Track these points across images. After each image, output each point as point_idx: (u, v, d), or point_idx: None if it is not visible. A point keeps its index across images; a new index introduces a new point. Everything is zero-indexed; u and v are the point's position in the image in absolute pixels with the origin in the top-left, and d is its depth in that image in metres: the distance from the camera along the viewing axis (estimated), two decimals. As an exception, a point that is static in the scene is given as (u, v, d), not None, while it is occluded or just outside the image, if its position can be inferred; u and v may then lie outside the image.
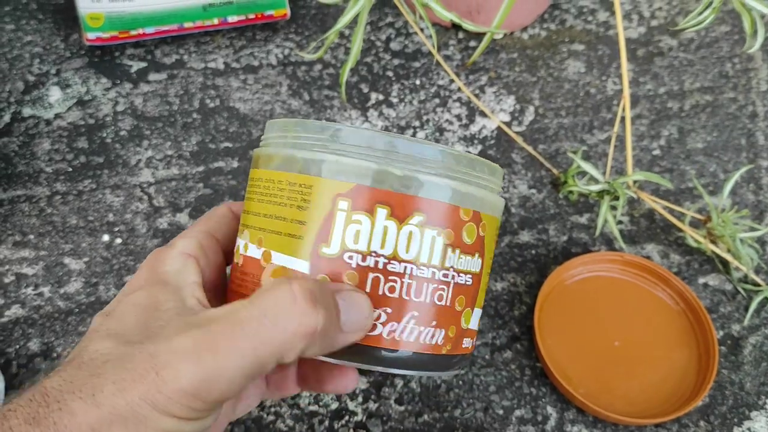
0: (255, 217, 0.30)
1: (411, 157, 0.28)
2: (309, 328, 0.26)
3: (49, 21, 0.55)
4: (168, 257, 0.31)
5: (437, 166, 0.28)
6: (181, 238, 0.32)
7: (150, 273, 0.31)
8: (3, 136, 0.50)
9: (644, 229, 0.48)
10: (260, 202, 0.29)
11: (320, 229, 0.28)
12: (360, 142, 0.28)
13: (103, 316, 0.29)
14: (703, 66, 0.56)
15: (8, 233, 0.46)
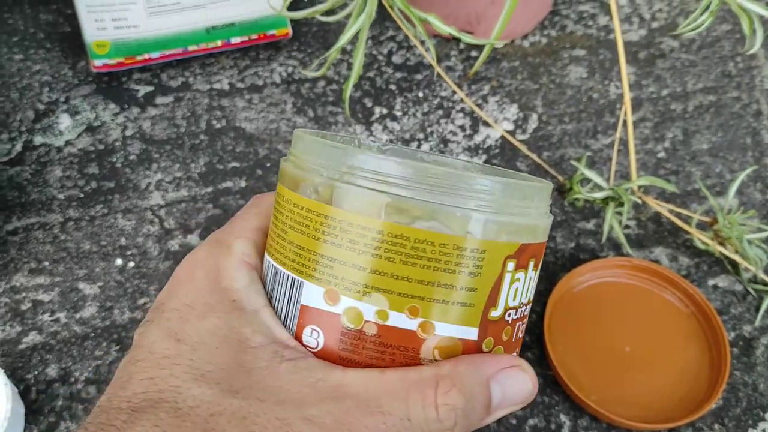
0: (397, 281, 0.26)
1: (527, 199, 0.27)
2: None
3: (57, 49, 0.56)
4: (230, 267, 0.28)
5: (544, 205, 0.28)
6: (238, 238, 0.29)
7: (215, 287, 0.27)
8: (16, 165, 0.50)
9: (652, 233, 0.49)
10: (406, 265, 0.25)
11: (490, 293, 0.26)
12: (513, 195, 0.27)
13: (174, 340, 0.26)
14: (706, 66, 0.56)
15: (24, 261, 0.47)
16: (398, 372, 0.25)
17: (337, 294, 0.26)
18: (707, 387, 0.42)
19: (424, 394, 0.24)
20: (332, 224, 0.26)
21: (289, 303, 0.27)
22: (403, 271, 0.25)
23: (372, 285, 0.26)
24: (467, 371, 0.25)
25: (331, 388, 0.24)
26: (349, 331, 0.26)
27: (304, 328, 0.26)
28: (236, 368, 0.24)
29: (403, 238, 0.25)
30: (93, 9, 0.49)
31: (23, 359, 0.43)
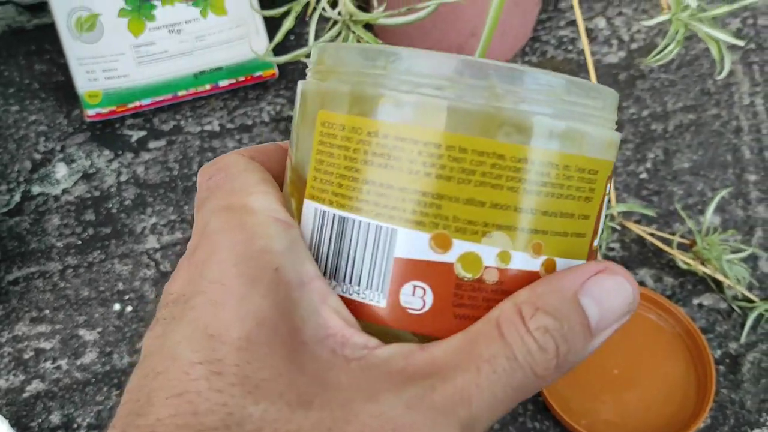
0: (520, 214, 0.22)
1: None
2: (548, 369, 0.21)
3: (52, 99, 0.58)
4: (260, 224, 0.21)
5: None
6: (250, 195, 0.22)
7: (249, 251, 0.20)
8: (15, 215, 0.52)
9: (636, 254, 0.49)
10: (530, 194, 0.22)
11: (596, 220, 0.23)
12: (612, 105, 0.24)
13: (206, 338, 0.19)
14: (685, 85, 0.57)
15: (25, 310, 0.48)
16: (482, 320, 0.21)
17: (449, 238, 0.21)
18: (695, 406, 0.43)
19: (515, 325, 0.20)
20: (438, 152, 0.21)
21: (373, 260, 0.22)
22: (527, 202, 0.22)
23: (493, 222, 0.21)
24: (547, 291, 0.21)
25: (422, 366, 0.20)
26: (466, 282, 0.22)
27: (403, 287, 0.22)
28: (297, 372, 0.19)
29: (527, 162, 0.21)
30: (84, 61, 0.51)
31: (27, 407, 0.45)
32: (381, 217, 0.22)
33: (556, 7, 0.62)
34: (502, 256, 0.22)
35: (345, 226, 0.22)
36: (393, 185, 0.21)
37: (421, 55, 0.22)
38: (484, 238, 0.21)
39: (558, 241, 0.22)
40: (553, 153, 0.21)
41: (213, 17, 0.52)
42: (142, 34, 0.51)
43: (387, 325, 0.22)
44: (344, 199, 0.22)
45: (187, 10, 0.51)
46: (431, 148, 0.21)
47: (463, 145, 0.21)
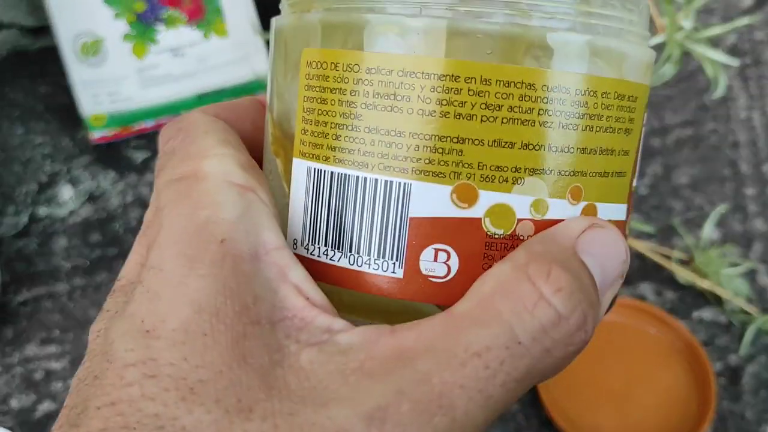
0: (556, 155, 0.18)
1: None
2: (580, 344, 0.17)
3: (56, 122, 0.58)
4: (207, 191, 0.18)
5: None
6: (204, 159, 0.19)
7: (192, 226, 0.18)
8: (23, 237, 0.53)
9: (637, 269, 0.50)
10: (566, 129, 0.18)
11: (636, 156, 0.20)
12: (644, 10, 0.20)
13: (141, 335, 0.16)
14: (683, 100, 0.58)
15: (35, 331, 0.49)
16: (468, 295, 0.17)
17: (474, 189, 0.18)
18: (696, 418, 0.44)
19: (521, 297, 0.17)
20: (455, 86, 0.17)
21: (384, 223, 0.18)
22: (565, 139, 0.18)
23: (525, 166, 0.18)
24: (549, 247, 0.18)
25: (388, 359, 0.16)
26: (498, 239, 0.18)
27: (422, 252, 0.18)
28: (241, 367, 0.16)
29: (563, 91, 0.18)
30: (88, 85, 0.52)
31: (39, 427, 0.45)
32: (391, 170, 0.18)
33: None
34: (537, 206, 0.18)
35: (347, 186, 0.19)
36: (403, 131, 0.18)
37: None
38: (515, 186, 0.18)
39: (598, 182, 0.19)
40: (590, 78, 0.18)
41: (215, 40, 0.53)
42: (146, 58, 0.52)
43: (406, 298, 0.19)
44: (344, 153, 0.18)
45: (190, 33, 0.52)
46: (447, 81, 0.17)
47: (485, 74, 0.17)
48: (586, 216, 0.19)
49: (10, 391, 0.46)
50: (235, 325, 0.16)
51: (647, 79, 0.20)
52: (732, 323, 0.48)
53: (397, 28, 0.18)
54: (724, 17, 0.62)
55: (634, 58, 0.19)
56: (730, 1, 0.63)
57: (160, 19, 0.51)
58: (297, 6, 0.20)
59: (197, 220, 0.18)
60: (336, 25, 0.19)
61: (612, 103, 0.19)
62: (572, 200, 0.19)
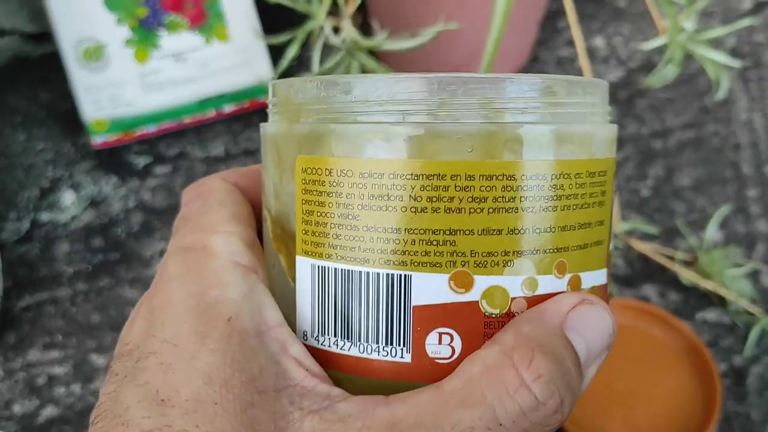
0: (540, 236, 0.20)
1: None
2: (557, 424, 0.19)
3: (58, 127, 0.58)
4: (215, 271, 0.20)
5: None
6: (214, 234, 0.21)
7: (201, 305, 0.20)
8: (25, 242, 0.53)
9: (640, 271, 0.50)
10: (547, 212, 0.20)
11: (610, 223, 0.22)
12: (604, 99, 0.22)
13: (156, 404, 0.18)
14: (684, 103, 0.58)
15: (37, 336, 0.49)
16: (458, 374, 0.19)
17: (469, 275, 0.19)
18: (701, 420, 0.44)
19: (504, 382, 0.18)
20: (441, 184, 0.19)
21: (389, 313, 0.20)
22: (546, 221, 0.20)
23: (513, 249, 0.20)
24: (536, 329, 0.19)
25: (382, 430, 0.18)
26: (495, 318, 0.20)
27: (427, 336, 0.20)
28: (248, 430, 0.18)
29: (540, 178, 0.20)
30: (91, 91, 0.52)
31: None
32: (391, 264, 0.19)
33: (554, 28, 0.63)
34: (529, 284, 0.20)
35: (351, 281, 0.20)
36: (399, 228, 0.19)
37: (397, 79, 0.20)
38: (506, 269, 0.20)
39: (579, 255, 0.21)
40: (564, 162, 0.20)
41: (217, 45, 0.53)
42: (148, 63, 0.52)
43: (415, 380, 0.20)
44: (345, 251, 0.20)
45: (192, 38, 0.52)
46: (435, 180, 0.19)
47: (469, 171, 0.19)
48: (576, 292, 0.21)
49: (13, 396, 0.46)
50: (243, 394, 0.18)
51: (612, 152, 0.22)
52: (736, 324, 0.48)
53: (383, 135, 0.19)
54: (723, 20, 0.62)
55: (600, 136, 0.21)
56: (730, 4, 0.63)
57: (162, 25, 0.51)
58: (285, 115, 0.22)
59: (208, 299, 0.20)
60: (325, 134, 0.20)
61: (584, 181, 0.20)
62: (558, 274, 0.20)
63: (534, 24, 0.59)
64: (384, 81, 0.20)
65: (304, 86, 0.21)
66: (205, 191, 0.23)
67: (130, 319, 0.22)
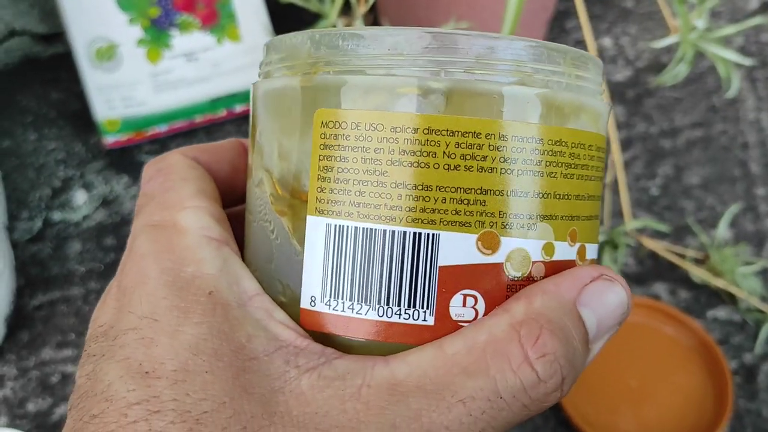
0: (559, 202, 0.20)
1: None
2: (556, 401, 0.19)
3: (69, 127, 0.59)
4: (189, 247, 0.20)
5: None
6: (182, 210, 0.21)
7: (178, 281, 0.19)
8: (37, 241, 0.53)
9: (650, 269, 0.50)
10: (566, 179, 0.20)
11: (602, 199, 0.23)
12: (600, 73, 0.22)
13: (141, 376, 0.18)
14: (692, 102, 0.58)
15: (50, 334, 0.49)
16: (463, 338, 0.19)
17: (497, 237, 0.19)
18: (713, 417, 0.44)
19: (508, 356, 0.18)
20: (476, 142, 0.19)
21: (414, 274, 0.19)
22: (565, 187, 0.20)
23: (537, 213, 0.20)
24: (548, 303, 0.19)
25: (383, 391, 0.18)
26: (517, 282, 0.20)
27: (452, 299, 0.19)
28: (243, 397, 0.17)
29: (563, 144, 0.20)
30: (103, 91, 0.52)
31: (55, 431, 0.45)
32: (418, 222, 0.19)
33: (561, 28, 0.63)
34: (547, 249, 0.20)
35: (374, 240, 0.19)
36: (431, 185, 0.19)
37: (431, 32, 0.19)
38: (530, 232, 0.20)
39: (585, 225, 0.21)
40: (582, 133, 0.20)
41: (228, 44, 0.53)
42: (160, 63, 0.52)
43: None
44: (369, 209, 0.19)
45: (203, 38, 0.53)
46: (470, 138, 0.19)
47: (503, 131, 0.19)
48: (594, 266, 0.21)
49: (27, 394, 0.46)
50: (233, 361, 0.18)
51: (605, 129, 0.23)
52: (746, 322, 0.48)
53: (422, 90, 0.19)
54: (730, 19, 0.62)
55: (603, 113, 0.22)
56: (737, 4, 0.64)
57: (174, 25, 0.52)
58: (297, 69, 0.21)
59: (185, 276, 0.19)
60: (352, 86, 0.19)
61: (594, 154, 0.21)
62: (571, 242, 0.21)
63: (543, 24, 0.59)
64: (416, 33, 0.19)
65: (324, 38, 0.20)
66: (166, 167, 0.23)
67: (101, 302, 0.21)
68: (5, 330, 0.47)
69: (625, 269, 0.50)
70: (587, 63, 0.22)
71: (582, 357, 0.19)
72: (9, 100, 0.60)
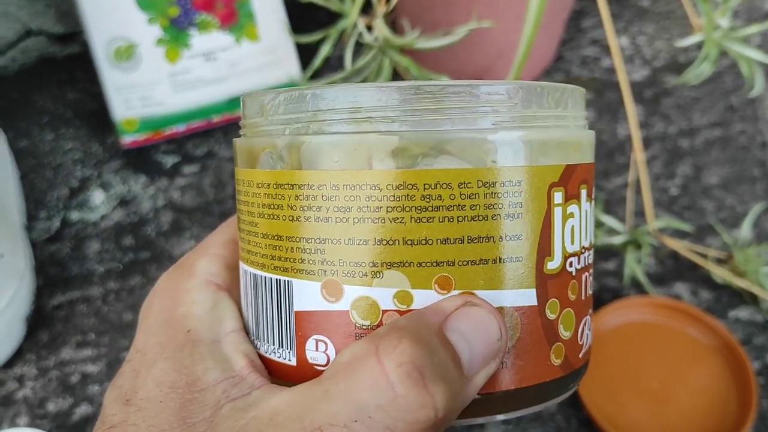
0: (413, 248, 0.19)
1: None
2: (427, 422, 0.17)
3: (86, 127, 0.59)
4: (190, 290, 0.23)
5: (581, 114, 0.23)
6: (201, 257, 0.24)
7: (169, 319, 0.22)
8: (56, 241, 0.53)
9: (671, 269, 0.50)
10: (420, 223, 0.19)
11: (540, 239, 0.20)
12: (541, 101, 0.20)
13: (122, 403, 0.21)
14: (710, 101, 0.58)
15: (70, 334, 0.49)
16: (329, 367, 0.19)
17: (338, 285, 0.19)
18: (737, 418, 0.44)
19: (363, 372, 0.17)
20: (311, 194, 0.20)
21: (280, 316, 0.21)
22: (418, 232, 0.19)
23: (381, 261, 0.19)
24: (412, 322, 0.18)
25: (264, 422, 0.18)
26: (366, 330, 0.19)
27: (306, 342, 0.20)
28: (180, 426, 0.19)
29: (409, 188, 0.19)
30: (122, 90, 0.52)
31: (76, 430, 0.45)
32: (278, 270, 0.20)
33: (577, 28, 0.63)
34: (401, 297, 0.19)
35: (257, 284, 0.21)
36: (282, 235, 0.20)
37: (273, 94, 0.21)
38: (375, 280, 0.19)
39: (473, 270, 0.19)
40: (440, 172, 0.19)
41: (247, 44, 0.53)
42: (179, 63, 0.52)
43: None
44: (251, 256, 0.21)
45: (222, 37, 0.52)
46: (305, 190, 0.20)
47: (333, 181, 0.19)
48: (461, 296, 0.19)
49: (47, 394, 0.46)
50: (185, 393, 0.20)
51: (546, 160, 0.20)
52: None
53: (270, 148, 0.21)
54: (748, 18, 0.62)
55: (503, 143, 0.19)
56: (754, 3, 0.63)
57: (193, 24, 0.52)
58: (243, 130, 0.23)
59: (176, 314, 0.22)
60: (242, 149, 0.22)
61: (477, 191, 0.19)
62: (440, 290, 0.19)
63: (561, 23, 0.59)
64: (271, 98, 0.21)
65: (244, 104, 0.23)
66: (232, 219, 0.26)
67: None
68: (25, 330, 0.47)
69: (646, 270, 0.50)
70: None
71: (456, 378, 0.18)
72: (26, 100, 0.60)
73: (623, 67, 0.45)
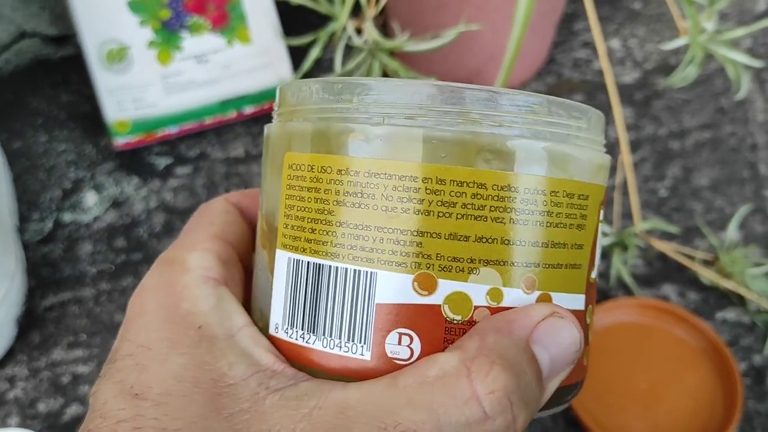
0: (509, 247, 0.20)
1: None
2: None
3: (79, 129, 0.59)
4: (189, 286, 0.22)
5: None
6: (191, 251, 0.23)
7: (173, 316, 0.22)
8: (48, 243, 0.53)
9: (659, 270, 0.50)
10: (517, 225, 0.20)
11: (591, 250, 0.22)
12: (597, 127, 0.23)
13: (130, 397, 0.20)
14: (700, 104, 0.59)
15: (62, 335, 0.49)
16: (415, 372, 0.19)
17: (433, 278, 0.20)
18: (722, 419, 0.44)
19: (455, 391, 0.18)
20: (413, 186, 0.20)
21: (353, 309, 0.20)
22: (515, 233, 0.20)
23: (479, 257, 0.20)
24: (501, 340, 0.19)
25: (332, 414, 0.19)
26: (456, 325, 0.20)
27: (388, 336, 0.20)
28: (213, 417, 0.19)
29: (510, 190, 0.20)
30: (114, 92, 0.52)
31: (66, 431, 0.45)
32: (359, 261, 0.20)
33: (569, 30, 0.63)
34: (493, 294, 0.20)
35: (321, 274, 0.21)
36: (369, 225, 0.20)
37: (390, 84, 0.21)
38: (471, 276, 0.20)
39: (552, 274, 0.21)
40: (537, 178, 0.20)
41: (239, 46, 0.54)
42: (171, 65, 0.52)
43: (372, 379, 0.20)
44: (318, 245, 0.21)
45: (214, 40, 0.53)
46: (407, 181, 0.20)
47: (440, 175, 0.20)
48: (546, 303, 0.21)
49: (38, 395, 0.47)
50: (211, 388, 0.20)
51: (599, 179, 0.22)
52: (756, 324, 0.48)
53: (362, 136, 0.20)
54: (738, 21, 0.62)
55: (581, 160, 0.21)
56: (744, 6, 0.64)
57: (184, 26, 0.52)
58: (282, 116, 0.23)
59: (180, 312, 0.22)
60: (310, 132, 0.21)
61: (561, 201, 0.21)
62: (526, 290, 0.20)
63: (552, 25, 0.59)
64: (375, 84, 0.21)
65: (298, 89, 0.22)
66: (204, 209, 0.26)
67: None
68: (17, 331, 0.48)
69: (633, 271, 0.50)
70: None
71: (536, 395, 0.19)
72: (19, 102, 0.61)
73: (611, 70, 0.45)
